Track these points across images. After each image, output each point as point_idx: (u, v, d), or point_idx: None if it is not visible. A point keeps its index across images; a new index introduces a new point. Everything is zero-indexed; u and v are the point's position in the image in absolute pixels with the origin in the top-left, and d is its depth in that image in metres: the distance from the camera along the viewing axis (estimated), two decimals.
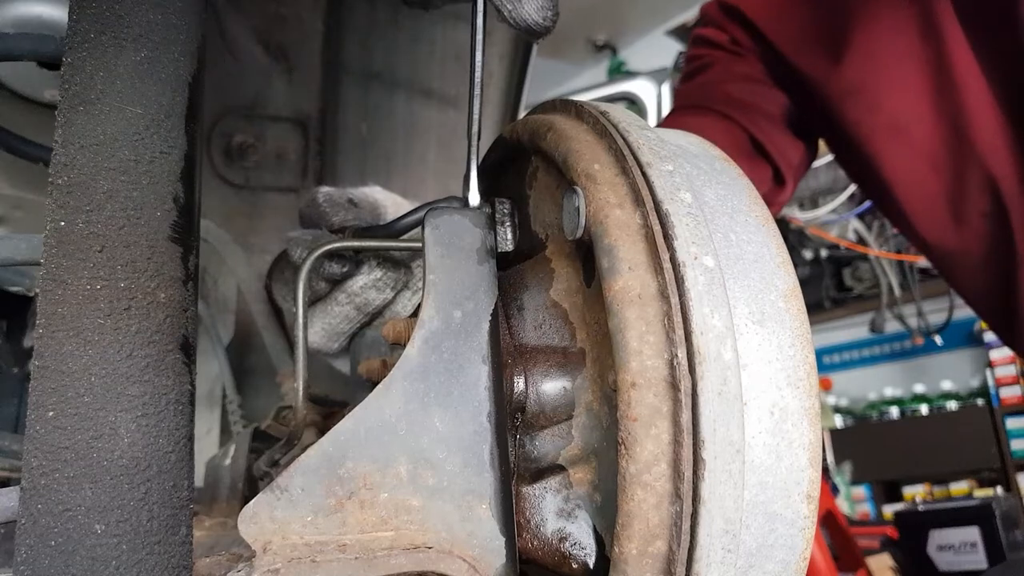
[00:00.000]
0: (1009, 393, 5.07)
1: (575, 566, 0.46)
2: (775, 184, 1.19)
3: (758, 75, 1.17)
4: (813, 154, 1.24)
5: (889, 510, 4.76)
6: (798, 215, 4.26)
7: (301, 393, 0.59)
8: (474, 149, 0.56)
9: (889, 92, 1.05)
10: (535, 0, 0.53)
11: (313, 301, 0.70)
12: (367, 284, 0.67)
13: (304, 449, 0.44)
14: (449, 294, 0.48)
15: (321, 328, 0.70)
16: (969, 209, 1.03)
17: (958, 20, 0.97)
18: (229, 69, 1.28)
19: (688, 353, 0.40)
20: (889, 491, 5.40)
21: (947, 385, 5.51)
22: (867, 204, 4.28)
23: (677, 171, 0.46)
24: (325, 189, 0.74)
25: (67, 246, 0.40)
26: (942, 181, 1.05)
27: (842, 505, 4.71)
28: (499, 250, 0.55)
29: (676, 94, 1.29)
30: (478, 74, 0.56)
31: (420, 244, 0.51)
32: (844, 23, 1.06)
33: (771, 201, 1.21)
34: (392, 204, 0.79)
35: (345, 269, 0.65)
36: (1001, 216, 1.01)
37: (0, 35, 0.53)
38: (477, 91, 0.56)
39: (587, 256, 0.48)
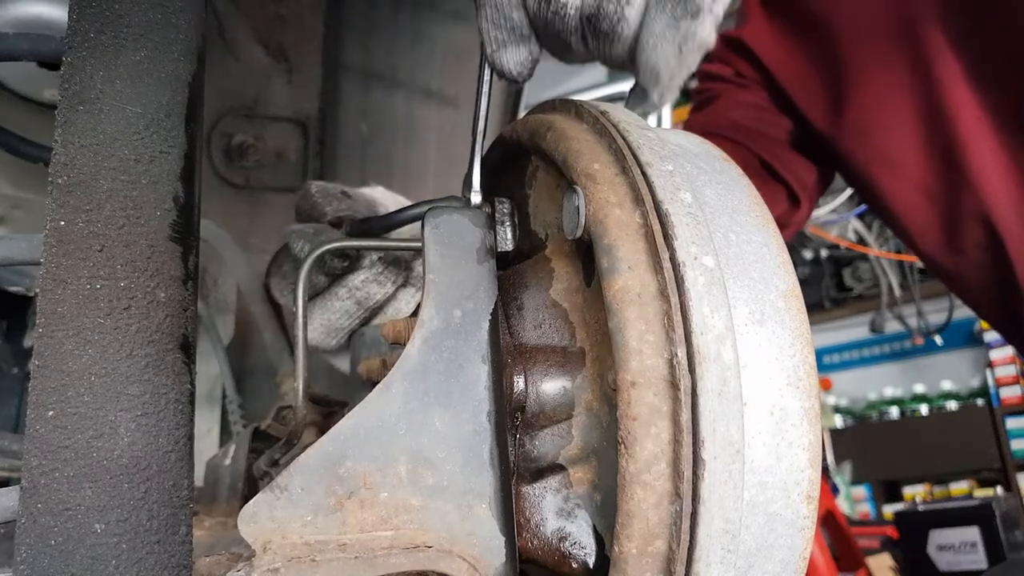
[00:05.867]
0: (1009, 393, 5.07)
1: (575, 565, 0.46)
2: (790, 204, 1.20)
3: (763, 103, 1.20)
4: (828, 176, 1.26)
5: (889, 510, 4.76)
6: None
7: (301, 393, 0.59)
8: (478, 147, 0.56)
9: (879, 125, 1.07)
10: (517, 55, 0.54)
11: (312, 296, 0.69)
12: (368, 278, 0.67)
13: (304, 449, 0.44)
14: (449, 293, 0.48)
15: (320, 324, 0.69)
16: (964, 240, 1.05)
17: (954, 53, 0.98)
18: (229, 69, 1.28)
19: (688, 353, 0.40)
20: (889, 491, 5.40)
21: (947, 385, 5.50)
22: None
23: (677, 171, 0.46)
24: (318, 182, 0.74)
25: (67, 245, 0.40)
26: (937, 211, 1.07)
27: (842, 505, 4.71)
28: (499, 250, 0.55)
29: (684, 126, 1.30)
30: (487, 72, 0.56)
31: (420, 244, 0.51)
32: (839, 61, 1.09)
33: (787, 222, 1.23)
34: (394, 203, 0.79)
35: (346, 264, 0.65)
36: (997, 247, 1.02)
37: (0, 35, 0.53)
38: (485, 88, 0.56)
39: (587, 256, 0.48)
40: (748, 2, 1.22)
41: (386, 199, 0.79)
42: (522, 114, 0.87)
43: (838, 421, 5.80)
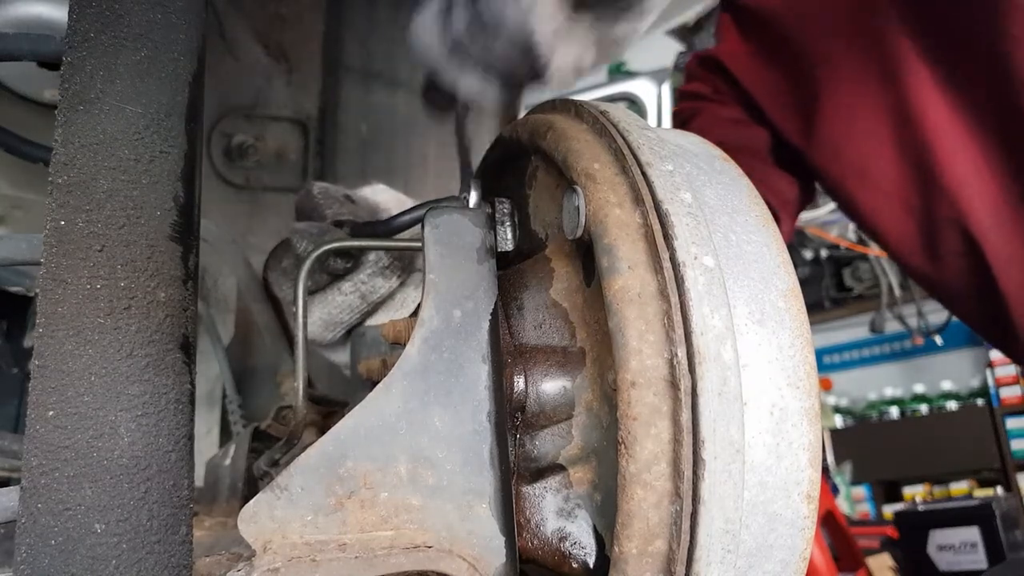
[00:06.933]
0: (1009, 393, 5.07)
1: (575, 565, 0.46)
2: None
3: (741, 116, 1.22)
4: (809, 191, 1.27)
5: (889, 510, 4.76)
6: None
7: (301, 393, 0.59)
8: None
9: (851, 138, 1.09)
10: None
11: (312, 291, 0.69)
12: (374, 272, 0.67)
13: (304, 449, 0.44)
14: (449, 293, 0.48)
15: (320, 318, 0.70)
16: (943, 247, 1.06)
17: (922, 62, 0.99)
18: (229, 69, 1.28)
19: (688, 352, 0.40)
20: (889, 491, 5.40)
21: (947, 385, 5.51)
22: None
23: (677, 171, 0.46)
24: (321, 183, 0.75)
25: (67, 245, 0.40)
26: (914, 221, 1.08)
27: (842, 505, 4.71)
28: (499, 250, 0.55)
29: None
30: None
31: (421, 244, 0.51)
32: (810, 78, 1.10)
33: None
34: (396, 203, 0.79)
35: (348, 264, 0.66)
36: (975, 253, 1.02)
37: (0, 35, 0.53)
38: None
39: (587, 255, 0.48)
40: (723, 22, 1.25)
41: (389, 202, 0.79)
42: (522, 114, 0.87)
43: (838, 421, 5.80)
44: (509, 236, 0.56)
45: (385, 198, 0.79)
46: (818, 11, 1.08)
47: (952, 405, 5.42)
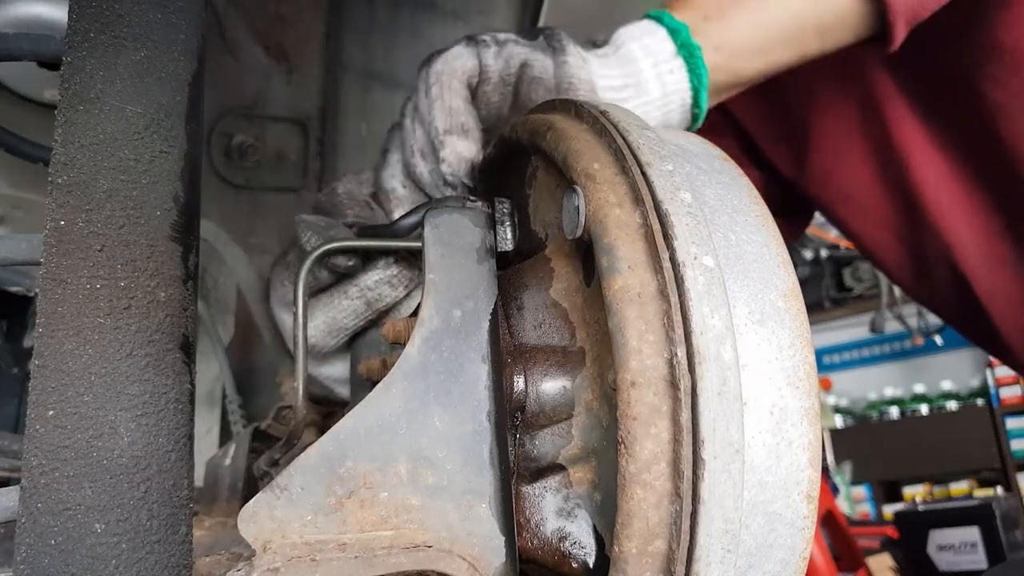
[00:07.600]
0: (1009, 393, 5.08)
1: (575, 565, 0.46)
2: None
3: (735, 151, 1.24)
4: (796, 229, 1.29)
5: (889, 510, 4.76)
6: None
7: (301, 393, 0.59)
8: None
9: (840, 170, 1.10)
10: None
11: (315, 292, 0.68)
12: (383, 279, 0.65)
13: (304, 449, 0.44)
14: (449, 293, 0.48)
15: (323, 322, 0.67)
16: (934, 278, 1.07)
17: (901, 95, 1.00)
18: (229, 69, 1.28)
19: (688, 352, 0.40)
20: (889, 491, 5.40)
21: (947, 385, 5.51)
22: None
23: (677, 170, 0.46)
24: (346, 184, 0.74)
25: (67, 245, 0.40)
26: (906, 250, 1.09)
27: (842, 505, 4.71)
28: (499, 249, 0.55)
29: None
30: None
31: (421, 244, 0.51)
32: (798, 108, 1.12)
33: None
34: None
35: (351, 263, 0.64)
36: (964, 287, 1.02)
37: (0, 35, 0.53)
38: None
39: (587, 255, 0.48)
40: None
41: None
42: None
43: (838, 421, 5.81)
44: (509, 236, 0.56)
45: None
46: None
47: (952, 405, 5.42)
